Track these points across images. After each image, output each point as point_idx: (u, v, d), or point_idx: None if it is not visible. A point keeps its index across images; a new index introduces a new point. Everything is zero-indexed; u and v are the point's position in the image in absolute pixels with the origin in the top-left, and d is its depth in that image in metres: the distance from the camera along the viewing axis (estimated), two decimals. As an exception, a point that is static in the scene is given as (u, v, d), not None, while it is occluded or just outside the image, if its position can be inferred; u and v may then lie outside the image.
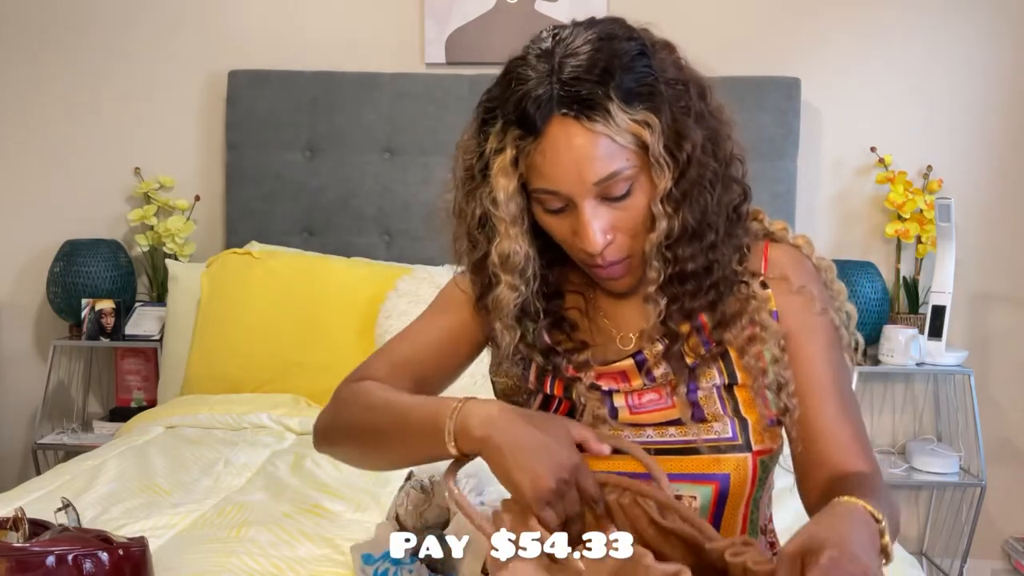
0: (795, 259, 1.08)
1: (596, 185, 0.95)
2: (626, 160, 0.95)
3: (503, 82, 0.99)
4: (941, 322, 2.74)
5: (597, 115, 0.93)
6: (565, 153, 0.94)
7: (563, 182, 0.95)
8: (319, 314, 2.70)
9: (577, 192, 0.95)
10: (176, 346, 2.83)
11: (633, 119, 0.94)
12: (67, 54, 3.11)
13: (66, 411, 3.13)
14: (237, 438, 2.36)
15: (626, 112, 0.93)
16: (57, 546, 1.30)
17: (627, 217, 0.98)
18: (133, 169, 3.10)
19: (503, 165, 0.98)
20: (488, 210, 1.01)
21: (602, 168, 0.94)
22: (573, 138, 0.93)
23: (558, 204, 0.98)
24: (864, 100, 3.01)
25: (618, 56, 0.94)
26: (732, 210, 1.03)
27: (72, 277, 2.93)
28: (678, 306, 1.01)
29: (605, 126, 0.93)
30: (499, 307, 1.04)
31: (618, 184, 0.95)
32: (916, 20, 2.98)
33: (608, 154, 0.94)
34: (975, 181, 2.99)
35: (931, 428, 3.06)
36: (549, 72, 0.94)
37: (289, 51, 3.07)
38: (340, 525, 1.76)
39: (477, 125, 1.03)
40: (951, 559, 2.97)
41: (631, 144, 0.94)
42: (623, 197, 0.96)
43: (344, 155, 2.99)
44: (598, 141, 0.93)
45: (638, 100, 0.94)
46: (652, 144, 0.94)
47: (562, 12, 2.98)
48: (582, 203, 0.96)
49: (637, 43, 0.97)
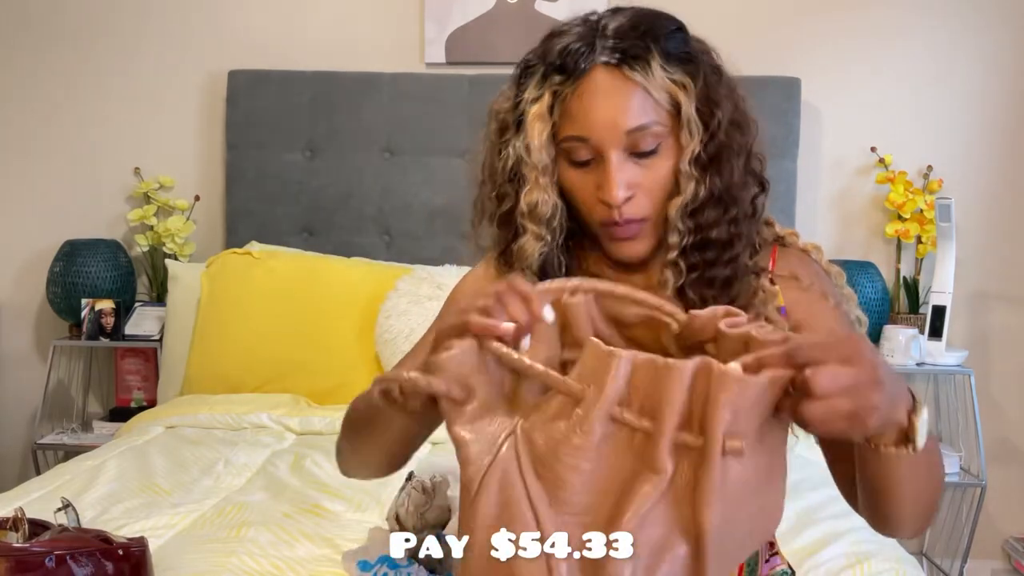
0: (804, 260, 1.09)
1: (627, 135, 0.96)
2: (658, 116, 0.97)
3: (544, 41, 1.02)
4: (941, 322, 2.74)
5: (637, 66, 0.96)
6: (602, 99, 0.96)
7: (596, 128, 0.97)
8: (319, 314, 2.70)
9: (608, 139, 0.97)
10: (176, 346, 2.83)
11: (671, 78, 0.97)
12: (67, 54, 3.11)
13: (66, 411, 3.13)
14: (237, 438, 2.36)
15: (665, 70, 0.97)
16: (57, 546, 1.30)
17: (650, 177, 0.99)
18: (133, 169, 3.10)
19: (539, 111, 0.99)
20: (520, 158, 1.01)
21: (636, 118, 0.96)
22: (612, 86, 0.96)
23: (586, 155, 0.99)
24: (864, 100, 3.00)
25: (660, 24, 0.99)
26: (750, 202, 1.04)
27: (72, 277, 2.92)
28: (698, 275, 1.01)
29: (644, 78, 0.96)
30: (523, 256, 1.04)
31: (647, 138, 0.97)
32: (916, 20, 2.98)
33: (643, 106, 0.96)
34: (975, 181, 2.99)
35: (931, 428, 3.05)
36: (593, 29, 0.99)
37: (289, 51, 3.07)
38: (340, 525, 1.76)
39: (514, 81, 1.05)
40: (951, 559, 2.97)
41: (665, 103, 0.97)
42: (650, 154, 0.98)
43: (344, 155, 2.99)
44: (635, 92, 0.96)
45: (677, 62, 0.98)
46: (685, 105, 0.97)
47: (562, 12, 2.98)
48: (610, 152, 0.97)
49: (676, 23, 1.01)
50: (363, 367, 2.65)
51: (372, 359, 2.65)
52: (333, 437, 2.54)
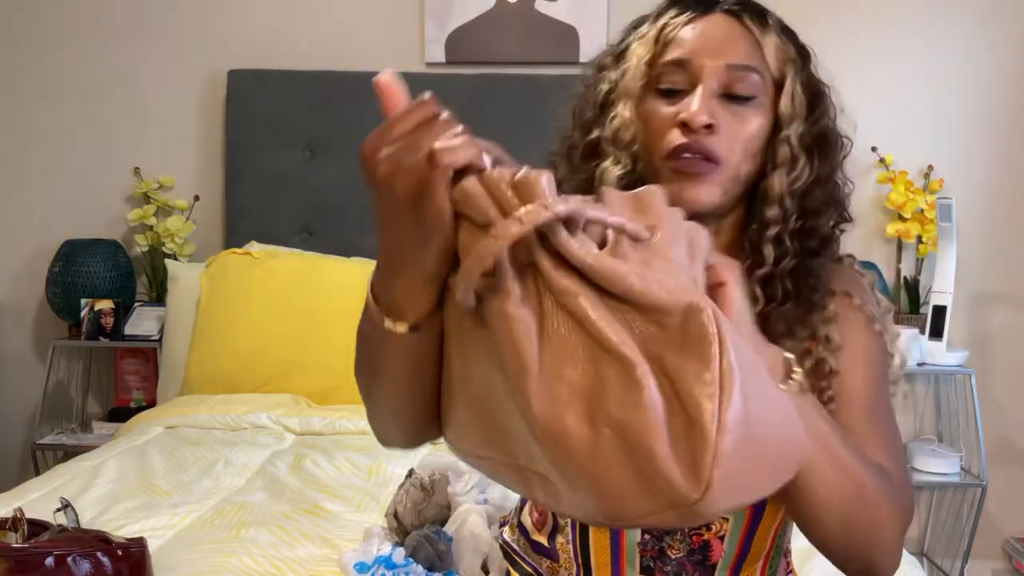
0: (858, 281, 1.05)
1: (728, 69, 0.93)
2: (763, 71, 0.95)
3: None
4: (942, 322, 2.74)
5: (756, 20, 0.96)
6: (713, 31, 0.95)
7: (700, 52, 0.93)
8: (319, 314, 2.70)
9: (708, 67, 0.93)
10: (176, 346, 2.83)
11: (783, 48, 0.97)
12: (67, 53, 3.11)
13: (65, 411, 3.12)
14: (236, 438, 2.36)
15: (779, 39, 0.97)
16: (56, 547, 1.30)
17: (736, 124, 0.93)
18: (133, 169, 3.10)
19: (646, 38, 0.97)
20: (614, 84, 0.99)
21: (742, 57, 0.94)
22: (728, 25, 0.95)
23: (680, 82, 0.94)
24: (864, 100, 3.00)
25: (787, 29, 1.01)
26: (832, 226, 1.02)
27: (71, 277, 2.92)
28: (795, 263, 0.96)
29: (760, 32, 0.95)
30: (604, 181, 0.97)
31: (748, 83, 0.94)
32: (916, 20, 2.98)
33: (751, 52, 0.95)
34: (976, 181, 2.98)
35: (932, 428, 3.05)
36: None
37: (289, 51, 3.07)
38: (340, 525, 1.76)
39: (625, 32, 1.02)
40: (952, 559, 2.96)
41: (772, 67, 0.96)
42: (745, 100, 0.94)
43: (344, 155, 2.99)
44: (748, 38, 0.95)
45: (791, 41, 0.98)
46: (791, 79, 0.96)
47: (562, 12, 2.98)
48: (706, 79, 0.93)
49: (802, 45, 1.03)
50: (363, 367, 2.65)
51: (372, 359, 2.65)
52: (333, 437, 2.56)
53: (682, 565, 0.97)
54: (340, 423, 2.41)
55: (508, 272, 0.62)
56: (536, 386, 0.60)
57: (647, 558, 0.97)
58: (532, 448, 0.62)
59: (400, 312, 0.71)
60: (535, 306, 0.62)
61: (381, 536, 1.52)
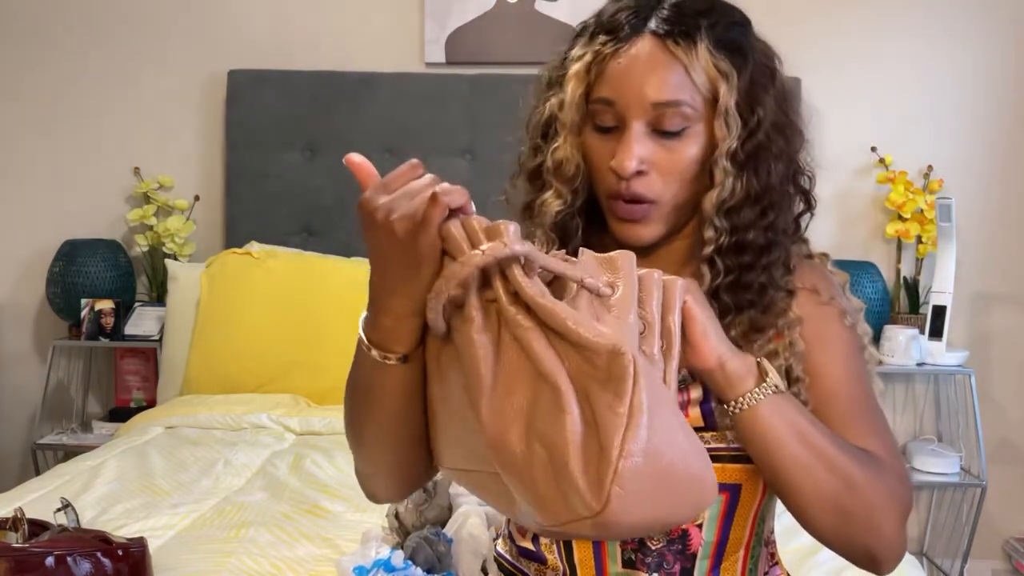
0: (824, 275, 1.06)
1: (654, 107, 0.93)
2: (692, 99, 0.94)
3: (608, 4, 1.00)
4: (942, 322, 2.74)
5: (683, 42, 0.93)
6: (639, 65, 0.93)
7: (624, 93, 0.94)
8: (319, 314, 2.70)
9: (633, 108, 0.93)
10: (176, 346, 2.83)
11: (715, 64, 0.94)
12: (67, 54, 3.11)
13: (65, 411, 3.12)
14: (237, 438, 2.36)
15: (711, 54, 0.93)
16: (56, 547, 1.30)
17: (670, 159, 0.95)
18: (133, 169, 3.10)
19: (578, 70, 0.97)
20: (554, 113, 0.99)
21: (667, 92, 0.93)
22: (653, 56, 0.93)
23: (610, 121, 0.95)
24: (864, 100, 3.00)
25: (722, 11, 0.97)
26: (793, 219, 1.02)
27: (72, 277, 2.92)
28: (733, 278, 0.97)
29: (686, 55, 0.93)
30: (543, 212, 1.01)
31: (675, 118, 0.93)
32: (916, 20, 2.98)
33: (679, 84, 0.93)
34: (976, 181, 2.98)
35: (932, 428, 3.06)
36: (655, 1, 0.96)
37: (289, 51, 3.07)
38: (340, 525, 1.76)
39: (569, 41, 1.02)
40: (952, 559, 2.97)
41: (703, 88, 0.94)
42: (674, 135, 0.94)
43: (344, 155, 2.98)
44: (675, 67, 0.93)
45: (725, 50, 0.94)
46: (724, 95, 0.94)
47: (562, 12, 2.98)
48: (632, 122, 0.94)
49: (741, 15, 0.99)
50: (363, 367, 2.65)
51: (372, 359, 2.65)
52: (332, 437, 2.56)
53: (663, 555, 0.98)
54: (340, 423, 2.40)
55: (474, 303, 0.74)
56: (487, 403, 0.72)
57: (628, 551, 0.98)
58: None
59: (390, 345, 0.83)
60: (494, 334, 0.74)
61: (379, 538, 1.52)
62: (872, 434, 0.95)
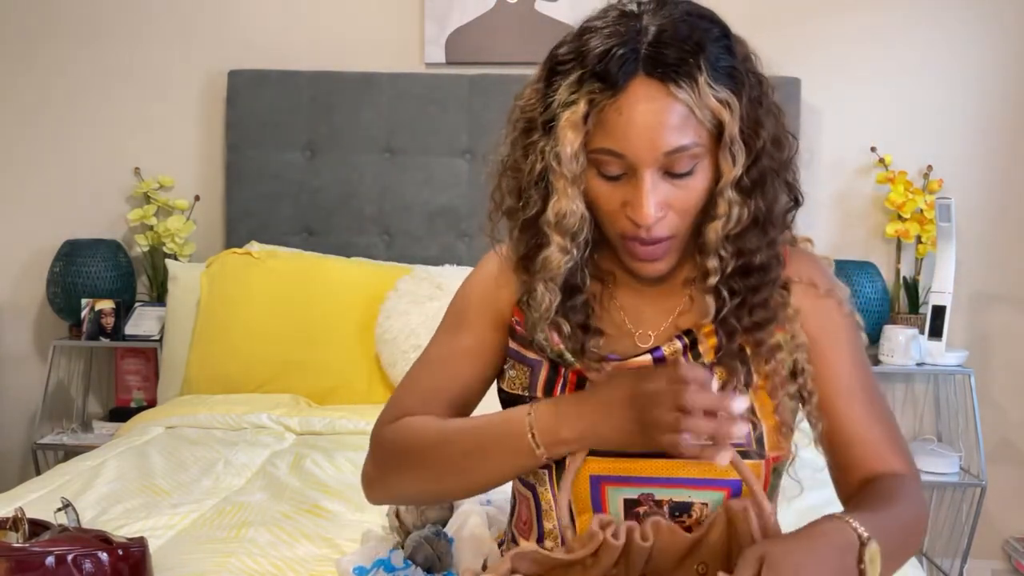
0: (817, 264, 1.08)
1: (665, 156, 0.91)
2: (698, 136, 0.92)
3: (580, 36, 0.95)
4: (941, 322, 2.74)
5: (684, 82, 0.90)
6: (642, 115, 0.90)
7: (632, 146, 0.91)
8: (319, 314, 2.70)
9: (644, 159, 0.92)
10: (176, 346, 2.83)
11: (716, 96, 0.91)
12: (67, 54, 3.11)
13: (66, 411, 3.13)
14: (237, 438, 2.36)
15: (711, 88, 0.91)
16: (57, 546, 1.30)
17: (683, 197, 0.95)
18: (133, 169, 3.10)
19: (573, 119, 0.92)
20: (549, 165, 0.96)
21: (676, 138, 0.91)
22: (654, 101, 0.90)
23: (617, 170, 0.94)
24: (864, 100, 3.00)
25: (706, 31, 0.93)
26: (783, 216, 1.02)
27: (72, 277, 2.93)
28: (739, 301, 0.98)
29: (689, 95, 0.90)
30: (548, 268, 0.99)
31: (684, 160, 0.92)
32: (916, 20, 2.98)
33: (684, 125, 0.91)
34: (975, 181, 2.99)
35: (931, 428, 3.06)
36: (637, 32, 0.92)
37: (289, 51, 3.07)
38: (340, 525, 1.76)
39: (544, 76, 0.98)
40: (951, 559, 2.97)
41: (707, 122, 0.92)
42: (685, 175, 0.94)
43: (344, 155, 2.99)
44: (678, 109, 0.91)
45: (723, 79, 0.92)
46: (729, 126, 0.92)
47: (562, 12, 2.98)
48: (644, 172, 0.92)
49: (720, 27, 0.96)
50: (363, 367, 2.65)
51: (372, 359, 2.65)
52: (332, 437, 2.55)
53: None
54: (340, 423, 2.41)
55: None
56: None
57: None
58: None
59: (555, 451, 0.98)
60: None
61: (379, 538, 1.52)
62: (880, 420, 1.03)
